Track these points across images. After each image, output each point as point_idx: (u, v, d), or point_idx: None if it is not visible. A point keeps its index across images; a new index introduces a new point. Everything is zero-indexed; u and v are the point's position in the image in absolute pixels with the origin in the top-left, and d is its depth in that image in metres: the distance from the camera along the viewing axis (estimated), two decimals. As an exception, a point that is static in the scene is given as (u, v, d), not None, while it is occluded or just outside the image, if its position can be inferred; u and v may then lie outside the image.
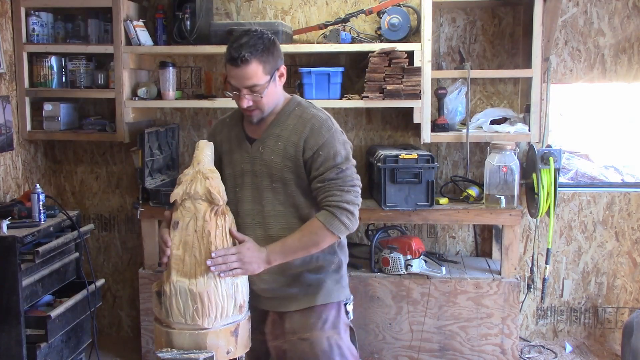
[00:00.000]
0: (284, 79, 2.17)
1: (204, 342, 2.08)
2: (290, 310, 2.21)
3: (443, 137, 3.54)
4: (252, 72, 2.06)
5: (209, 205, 2.11)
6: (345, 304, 2.27)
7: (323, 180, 2.10)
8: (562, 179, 3.70)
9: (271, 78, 2.10)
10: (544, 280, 3.59)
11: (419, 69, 3.41)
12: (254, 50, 2.05)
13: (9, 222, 2.84)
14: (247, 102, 2.10)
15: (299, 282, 2.21)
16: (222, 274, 2.04)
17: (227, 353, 2.12)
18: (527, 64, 3.47)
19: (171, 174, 3.79)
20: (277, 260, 2.11)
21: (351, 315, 2.31)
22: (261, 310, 2.27)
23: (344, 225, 2.09)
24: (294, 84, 3.71)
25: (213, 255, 2.04)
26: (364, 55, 3.50)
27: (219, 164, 2.26)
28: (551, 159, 3.37)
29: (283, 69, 2.16)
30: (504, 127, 3.50)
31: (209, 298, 2.06)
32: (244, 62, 2.04)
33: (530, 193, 3.54)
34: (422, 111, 3.44)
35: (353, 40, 3.54)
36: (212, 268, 2.04)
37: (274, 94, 2.14)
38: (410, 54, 3.42)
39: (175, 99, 3.67)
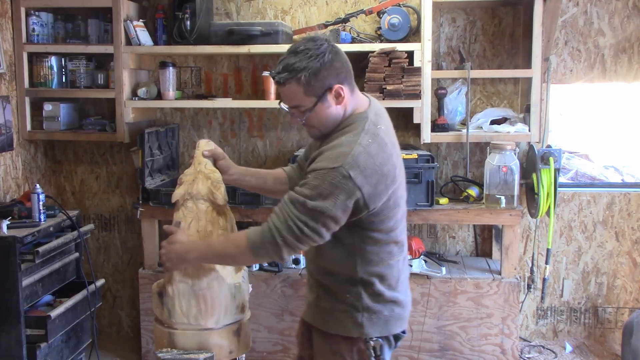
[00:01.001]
0: (342, 99, 1.94)
1: (207, 342, 2.08)
2: (314, 326, 2.10)
3: (443, 137, 3.54)
4: (292, 94, 1.92)
5: (211, 205, 2.11)
6: (368, 341, 2.01)
7: (287, 197, 1.90)
8: (562, 179, 3.70)
9: (318, 100, 1.91)
10: (544, 280, 3.59)
11: (419, 69, 3.41)
12: (294, 72, 1.88)
13: (9, 222, 2.84)
14: (294, 120, 1.99)
15: (315, 293, 2.09)
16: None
17: (230, 353, 2.12)
18: (527, 64, 3.47)
19: (171, 174, 3.79)
20: (196, 259, 2.01)
21: (374, 354, 2.01)
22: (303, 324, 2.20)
23: (264, 249, 1.88)
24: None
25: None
26: (364, 55, 3.50)
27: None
28: (551, 159, 3.37)
29: (340, 88, 1.92)
30: (504, 127, 3.50)
31: (212, 298, 2.06)
32: (279, 84, 1.93)
33: (530, 193, 3.54)
34: (422, 111, 3.44)
35: (353, 40, 3.54)
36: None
37: (327, 115, 1.94)
38: (410, 54, 3.42)
39: (175, 99, 3.67)
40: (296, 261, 3.56)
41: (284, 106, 2.00)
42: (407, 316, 2.15)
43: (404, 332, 2.13)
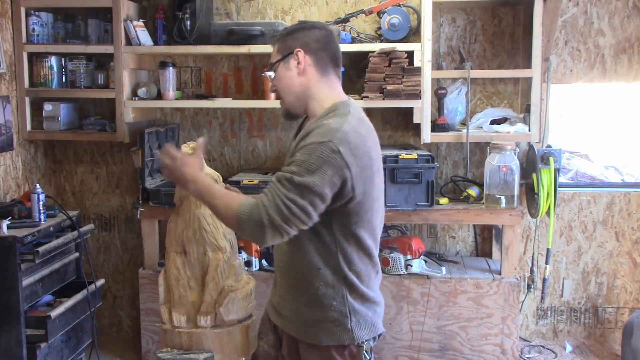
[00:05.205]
0: (301, 67, 1.98)
1: (208, 342, 2.08)
2: (299, 339, 2.06)
3: (443, 137, 3.54)
4: (272, 53, 2.05)
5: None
6: (359, 344, 2.00)
7: (275, 177, 1.87)
8: (562, 179, 3.70)
9: (282, 58, 1.99)
10: (544, 280, 3.59)
11: (419, 69, 3.41)
12: (280, 33, 2.05)
13: (9, 222, 2.83)
14: (271, 84, 2.07)
15: (294, 306, 2.04)
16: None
17: (231, 354, 2.13)
18: (527, 64, 3.47)
19: (171, 174, 3.79)
20: (193, 192, 2.00)
21: (368, 356, 2.01)
22: (271, 321, 2.16)
23: (249, 227, 1.85)
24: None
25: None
26: (364, 55, 3.50)
27: None
28: (551, 159, 3.37)
29: (301, 55, 1.97)
30: (504, 127, 3.50)
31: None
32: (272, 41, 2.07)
33: (530, 193, 3.54)
34: (422, 111, 3.44)
35: (353, 40, 3.54)
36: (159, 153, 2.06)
37: (285, 78, 2.00)
38: (410, 54, 3.42)
39: (175, 99, 3.67)
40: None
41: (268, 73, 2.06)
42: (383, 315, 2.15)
43: (384, 329, 2.13)
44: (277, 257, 2.11)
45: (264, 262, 3.54)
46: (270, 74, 2.04)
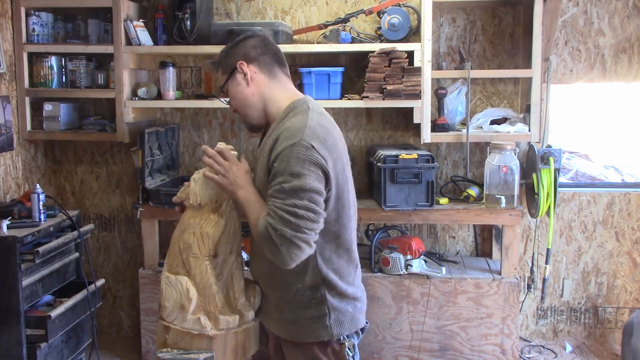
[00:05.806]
0: (248, 77, 2.01)
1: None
2: (282, 337, 2.07)
3: (443, 137, 3.54)
4: (218, 78, 2.10)
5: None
6: (341, 341, 2.00)
7: (269, 196, 1.86)
8: (562, 179, 3.70)
9: (229, 77, 2.04)
10: (544, 280, 3.59)
11: (419, 69, 3.41)
12: (217, 57, 2.10)
13: (9, 222, 2.83)
14: (231, 109, 2.11)
15: (273, 305, 2.05)
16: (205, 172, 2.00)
17: (233, 355, 2.12)
18: (527, 64, 3.47)
19: (171, 174, 3.79)
20: (241, 195, 1.94)
21: (351, 353, 2.01)
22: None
23: (267, 248, 1.84)
24: (294, 84, 3.71)
25: (214, 148, 2.02)
26: (364, 55, 3.50)
27: None
28: (551, 159, 3.37)
29: (244, 66, 2.00)
30: (504, 127, 3.51)
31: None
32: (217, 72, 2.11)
33: (530, 193, 3.54)
34: (422, 111, 3.44)
35: (353, 40, 3.54)
36: (205, 158, 2.01)
37: (238, 94, 2.04)
38: (410, 54, 3.42)
39: (175, 99, 3.67)
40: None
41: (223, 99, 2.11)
42: (365, 309, 2.14)
43: (367, 322, 2.13)
44: (254, 263, 2.11)
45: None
46: (224, 99, 2.09)
